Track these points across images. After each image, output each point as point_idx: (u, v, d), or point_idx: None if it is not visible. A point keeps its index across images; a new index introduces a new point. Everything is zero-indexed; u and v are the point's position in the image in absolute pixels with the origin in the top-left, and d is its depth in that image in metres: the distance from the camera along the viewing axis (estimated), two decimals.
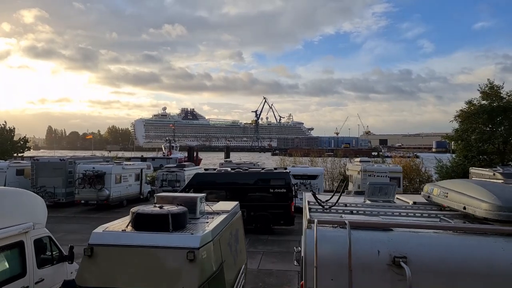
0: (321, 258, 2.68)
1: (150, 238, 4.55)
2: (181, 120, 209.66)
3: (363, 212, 3.91)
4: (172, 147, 75.85)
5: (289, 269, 10.57)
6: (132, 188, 22.15)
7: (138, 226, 4.79)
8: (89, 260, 4.53)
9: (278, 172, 15.55)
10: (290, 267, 10.73)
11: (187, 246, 4.42)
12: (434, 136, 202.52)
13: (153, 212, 4.87)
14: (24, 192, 6.66)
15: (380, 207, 4.35)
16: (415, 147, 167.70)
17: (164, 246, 4.47)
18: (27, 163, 22.37)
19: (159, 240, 4.54)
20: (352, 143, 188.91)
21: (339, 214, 3.62)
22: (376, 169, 18.47)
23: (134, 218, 4.84)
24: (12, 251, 6.04)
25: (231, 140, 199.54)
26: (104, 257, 4.53)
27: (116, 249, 4.54)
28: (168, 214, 4.82)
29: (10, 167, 20.51)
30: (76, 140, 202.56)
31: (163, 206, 5.21)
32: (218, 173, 15.67)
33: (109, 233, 4.76)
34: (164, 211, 4.92)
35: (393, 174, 18.31)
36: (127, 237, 4.61)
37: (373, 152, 47.21)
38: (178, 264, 4.38)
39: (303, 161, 30.18)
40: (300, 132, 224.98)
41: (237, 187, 14.99)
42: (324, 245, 2.71)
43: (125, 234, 4.66)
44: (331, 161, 30.11)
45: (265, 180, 15.00)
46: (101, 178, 19.72)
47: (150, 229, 4.72)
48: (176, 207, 5.18)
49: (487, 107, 21.93)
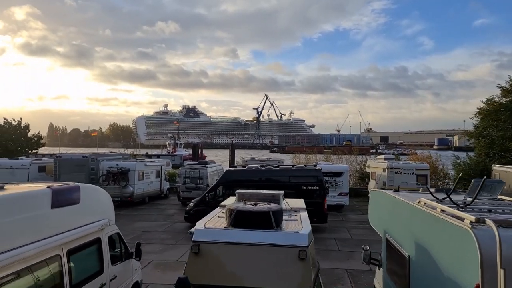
0: (505, 260, 2.62)
1: (258, 235, 4.51)
2: (183, 117, 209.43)
3: (502, 211, 3.84)
4: (177, 144, 75.83)
5: (335, 267, 10.55)
6: (154, 185, 22.11)
7: (239, 223, 4.75)
8: (196, 257, 4.49)
9: (310, 169, 15.50)
10: (334, 265, 10.70)
11: (298, 244, 4.38)
12: (436, 133, 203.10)
13: (254, 210, 4.82)
14: (98, 188, 6.62)
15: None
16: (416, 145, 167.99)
17: (273, 244, 4.43)
18: (48, 160, 22.33)
19: (267, 237, 4.49)
20: (354, 140, 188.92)
21: (476, 213, 3.57)
22: (403, 166, 18.41)
23: (234, 215, 4.80)
24: (92, 248, 6.01)
25: (232, 137, 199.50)
26: (211, 254, 4.49)
27: (222, 246, 4.49)
28: (270, 212, 4.78)
29: (33, 164, 20.46)
30: (78, 137, 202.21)
31: (257, 203, 5.17)
32: (249, 170, 15.62)
33: (213, 230, 4.72)
34: (264, 208, 4.88)
35: (420, 172, 18.25)
36: (233, 234, 4.56)
37: (371, 150, 47.01)
38: (289, 263, 4.34)
39: (318, 158, 30.11)
40: (301, 129, 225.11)
41: (269, 184, 14.93)
42: (505, 246, 2.66)
43: (231, 231, 4.61)
44: (347, 158, 30.05)
45: (297, 177, 14.96)
46: (125, 175, 19.70)
47: (250, 226, 4.68)
48: (272, 205, 5.14)
49: (509, 104, 21.87)
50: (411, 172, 18.21)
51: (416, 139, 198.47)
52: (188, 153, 66.39)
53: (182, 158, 59.93)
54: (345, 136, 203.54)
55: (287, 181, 14.97)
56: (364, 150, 40.42)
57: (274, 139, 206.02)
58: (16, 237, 4.42)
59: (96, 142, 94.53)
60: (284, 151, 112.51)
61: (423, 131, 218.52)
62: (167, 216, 18.15)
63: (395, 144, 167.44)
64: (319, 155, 31.41)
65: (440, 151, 43.72)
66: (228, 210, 4.96)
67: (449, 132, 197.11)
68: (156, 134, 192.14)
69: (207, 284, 4.37)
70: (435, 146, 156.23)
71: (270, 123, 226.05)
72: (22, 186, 5.35)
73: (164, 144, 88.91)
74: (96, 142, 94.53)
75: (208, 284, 4.37)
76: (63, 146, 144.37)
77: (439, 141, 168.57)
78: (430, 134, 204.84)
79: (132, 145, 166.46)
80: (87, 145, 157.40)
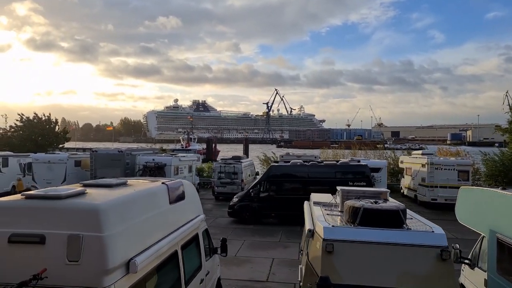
0: None
1: (394, 235, 4.44)
2: (193, 112, 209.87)
3: None
4: (190, 139, 76.11)
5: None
6: (187, 179, 22.14)
7: (366, 221, 4.67)
8: (329, 256, 4.43)
9: (358, 164, 15.40)
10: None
11: (439, 244, 4.30)
12: (448, 128, 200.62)
13: (383, 208, 4.76)
14: (192, 184, 6.64)
15: None
16: (428, 139, 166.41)
17: (412, 244, 4.35)
18: (83, 155, 22.55)
19: (403, 237, 4.42)
20: (365, 135, 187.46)
21: None
22: (444, 162, 18.11)
23: (361, 213, 4.72)
24: (193, 244, 6.01)
25: (242, 132, 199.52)
26: (345, 253, 4.43)
27: (357, 245, 4.43)
28: (399, 210, 4.72)
29: (69, 159, 20.66)
30: (90, 132, 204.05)
31: (377, 201, 5.10)
32: (294, 166, 15.56)
33: (343, 228, 4.66)
34: (392, 206, 4.81)
35: (461, 167, 17.95)
36: (368, 233, 4.49)
37: (377, 145, 46.35)
38: (428, 263, 4.26)
39: (344, 154, 29.90)
40: (311, 124, 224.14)
41: (315, 180, 14.89)
42: None
43: (365, 230, 4.54)
44: (373, 153, 29.81)
45: (345, 172, 14.87)
46: (161, 169, 19.78)
47: (378, 225, 4.61)
48: (392, 203, 5.07)
49: None
50: (453, 168, 17.93)
51: (428, 134, 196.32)
52: (202, 148, 66.52)
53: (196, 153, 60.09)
54: (355, 130, 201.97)
55: (333, 177, 14.88)
56: (370, 145, 39.68)
57: (284, 134, 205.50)
58: (152, 232, 4.42)
59: (112, 136, 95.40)
60: (291, 145, 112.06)
61: (435, 126, 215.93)
62: (206, 211, 18.13)
63: (406, 139, 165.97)
64: (346, 150, 31.13)
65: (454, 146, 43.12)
66: (351, 208, 4.89)
67: (462, 126, 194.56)
68: (166, 129, 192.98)
69: (346, 284, 4.30)
70: (448, 141, 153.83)
71: (280, 118, 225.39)
72: (140, 182, 5.34)
73: (177, 139, 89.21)
74: (112, 136, 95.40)
75: (348, 284, 4.31)
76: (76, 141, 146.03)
77: (452, 135, 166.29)
78: (442, 129, 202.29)
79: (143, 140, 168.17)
80: (100, 139, 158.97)
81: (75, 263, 3.33)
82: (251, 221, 15.10)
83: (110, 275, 3.39)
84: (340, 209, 5.78)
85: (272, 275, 9.63)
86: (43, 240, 3.38)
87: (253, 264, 10.30)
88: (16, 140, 28.97)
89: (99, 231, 3.41)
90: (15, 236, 3.42)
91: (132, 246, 3.84)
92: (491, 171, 26.02)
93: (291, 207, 14.90)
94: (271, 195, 15.13)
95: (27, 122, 29.51)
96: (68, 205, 3.60)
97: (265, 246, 12.27)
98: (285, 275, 9.60)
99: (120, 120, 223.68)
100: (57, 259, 3.35)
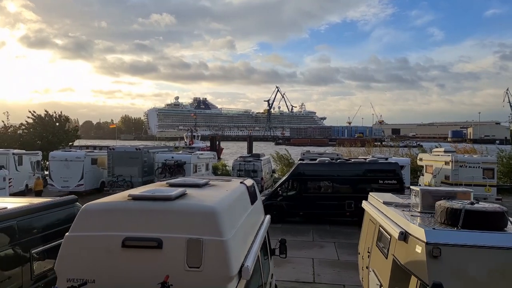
0: None
1: (507, 238, 4.19)
2: (194, 109, 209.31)
3: None
4: (194, 136, 75.83)
5: None
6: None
7: (469, 224, 4.40)
8: (436, 261, 4.17)
9: (389, 162, 15.16)
10: None
11: None
12: (449, 125, 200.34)
13: (488, 209, 4.49)
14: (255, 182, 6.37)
15: None
16: (429, 137, 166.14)
17: None
18: (99, 153, 22.25)
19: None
20: (366, 132, 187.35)
21: None
22: (469, 160, 17.86)
23: (463, 215, 4.45)
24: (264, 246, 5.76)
25: (243, 129, 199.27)
26: (453, 258, 4.16)
27: (468, 249, 4.16)
28: (503, 211, 4.46)
29: (87, 156, 20.37)
30: (90, 129, 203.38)
31: (473, 202, 4.83)
32: (322, 164, 15.30)
33: (447, 231, 4.38)
34: (496, 207, 4.55)
35: (486, 165, 17.69)
36: (476, 236, 4.22)
37: (375, 142, 46.05)
38: None
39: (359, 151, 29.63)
40: (312, 122, 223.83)
41: (345, 178, 14.66)
42: None
43: (474, 233, 4.26)
44: (388, 150, 29.56)
45: (374, 171, 14.62)
46: (181, 167, 19.52)
47: (482, 227, 4.35)
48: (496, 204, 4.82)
49: None
50: (477, 165, 17.68)
51: (428, 132, 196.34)
52: (205, 145, 66.23)
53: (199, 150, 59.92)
54: (357, 128, 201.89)
55: (362, 175, 14.64)
56: (371, 142, 39.28)
57: (285, 131, 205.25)
58: (247, 235, 4.18)
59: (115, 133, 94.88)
60: (289, 143, 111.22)
61: (435, 123, 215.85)
62: None
63: (407, 137, 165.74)
64: (361, 148, 30.86)
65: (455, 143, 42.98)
66: (448, 209, 4.62)
67: (462, 124, 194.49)
68: (167, 126, 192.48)
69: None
70: (448, 138, 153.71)
71: (281, 115, 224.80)
72: (220, 182, 5.07)
73: (180, 136, 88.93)
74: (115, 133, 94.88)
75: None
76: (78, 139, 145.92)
77: (453, 133, 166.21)
78: (443, 126, 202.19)
79: (144, 137, 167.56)
80: (100, 137, 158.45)
81: (196, 269, 3.08)
82: (278, 220, 14.85)
83: (231, 282, 3.14)
84: (420, 209, 5.51)
85: (318, 276, 9.38)
86: (161, 245, 3.12)
87: (294, 265, 10.05)
88: (28, 137, 28.64)
89: (220, 235, 3.16)
90: (130, 240, 3.15)
91: (240, 250, 3.60)
92: (508, 168, 25.92)
93: (320, 206, 14.68)
94: (299, 193, 14.89)
95: (38, 120, 29.16)
96: (182, 207, 3.33)
97: (299, 245, 12.01)
98: (331, 276, 9.37)
99: (121, 118, 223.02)
100: (176, 264, 3.10)
